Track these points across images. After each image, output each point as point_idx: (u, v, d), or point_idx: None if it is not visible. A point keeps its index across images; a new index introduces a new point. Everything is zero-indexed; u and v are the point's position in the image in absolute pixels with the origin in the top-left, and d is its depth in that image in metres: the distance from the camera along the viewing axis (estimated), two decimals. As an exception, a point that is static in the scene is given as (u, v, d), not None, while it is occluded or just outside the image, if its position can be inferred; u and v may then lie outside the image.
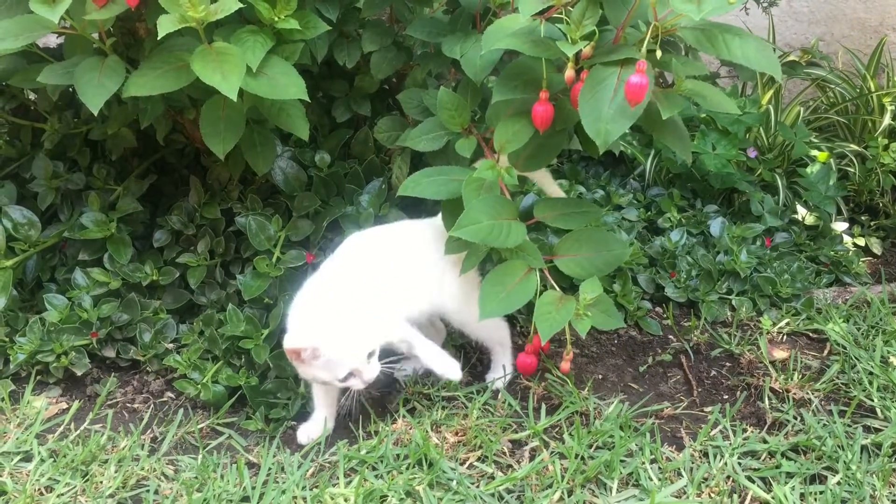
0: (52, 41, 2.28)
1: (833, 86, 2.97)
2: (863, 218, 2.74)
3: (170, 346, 1.99)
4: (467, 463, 1.71)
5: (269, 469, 1.69)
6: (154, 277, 2.03)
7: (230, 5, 1.58)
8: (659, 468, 1.69)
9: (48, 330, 1.94)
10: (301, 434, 1.79)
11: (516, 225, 1.70)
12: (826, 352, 2.10)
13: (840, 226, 2.60)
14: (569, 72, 1.61)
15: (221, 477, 1.68)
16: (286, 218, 2.08)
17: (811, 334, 2.17)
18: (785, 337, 2.15)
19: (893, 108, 2.82)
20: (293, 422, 1.83)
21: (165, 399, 1.94)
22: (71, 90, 2.09)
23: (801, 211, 2.58)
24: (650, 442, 1.74)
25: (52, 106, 2.16)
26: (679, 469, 1.69)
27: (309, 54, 1.90)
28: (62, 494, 1.64)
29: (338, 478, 1.66)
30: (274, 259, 1.99)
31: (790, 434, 1.80)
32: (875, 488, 1.64)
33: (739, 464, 1.71)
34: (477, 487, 1.64)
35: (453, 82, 2.16)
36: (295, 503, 1.61)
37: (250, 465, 1.72)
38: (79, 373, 1.94)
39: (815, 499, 1.62)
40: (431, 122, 1.89)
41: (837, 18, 3.36)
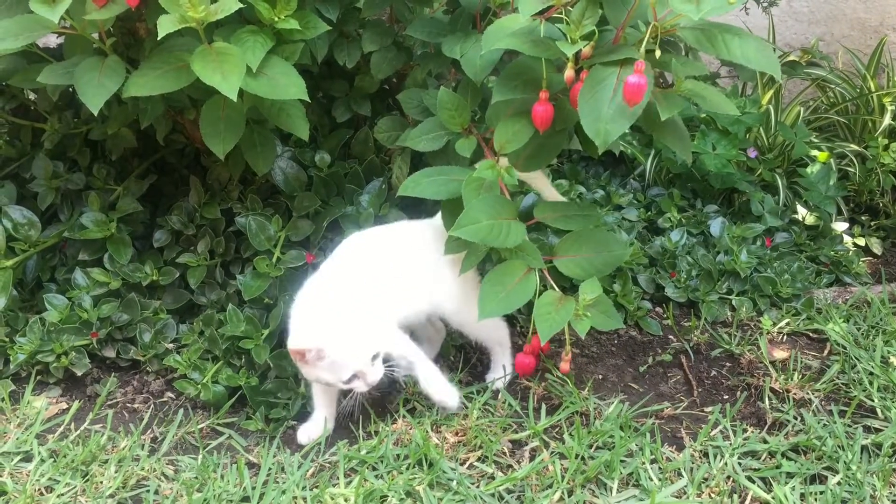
0: (52, 41, 2.28)
1: (833, 86, 2.97)
2: (863, 218, 2.74)
3: (170, 347, 1.98)
4: (467, 463, 1.71)
5: (270, 469, 1.69)
6: (154, 277, 2.03)
7: (230, 5, 1.58)
8: (659, 468, 1.69)
9: (48, 330, 1.94)
10: (301, 434, 1.79)
11: (516, 225, 1.70)
12: (826, 352, 2.10)
13: (840, 226, 2.60)
14: (568, 72, 1.61)
15: (221, 477, 1.68)
16: (286, 218, 2.07)
17: (811, 334, 2.16)
18: (785, 337, 2.15)
19: (893, 108, 2.82)
20: (293, 422, 1.83)
21: (165, 399, 1.94)
22: (71, 90, 2.09)
23: (802, 211, 2.58)
24: (650, 442, 1.74)
25: (52, 106, 2.16)
26: (679, 469, 1.69)
27: (309, 54, 1.90)
28: (62, 494, 1.64)
29: (338, 478, 1.66)
30: (274, 259, 1.99)
31: (790, 434, 1.80)
32: (875, 488, 1.64)
33: (740, 464, 1.71)
34: (477, 487, 1.64)
35: (453, 82, 2.16)
36: (295, 503, 1.61)
37: (250, 466, 1.72)
38: (79, 373, 1.94)
39: (816, 499, 1.62)
40: (431, 122, 1.89)
41: (837, 18, 3.36)
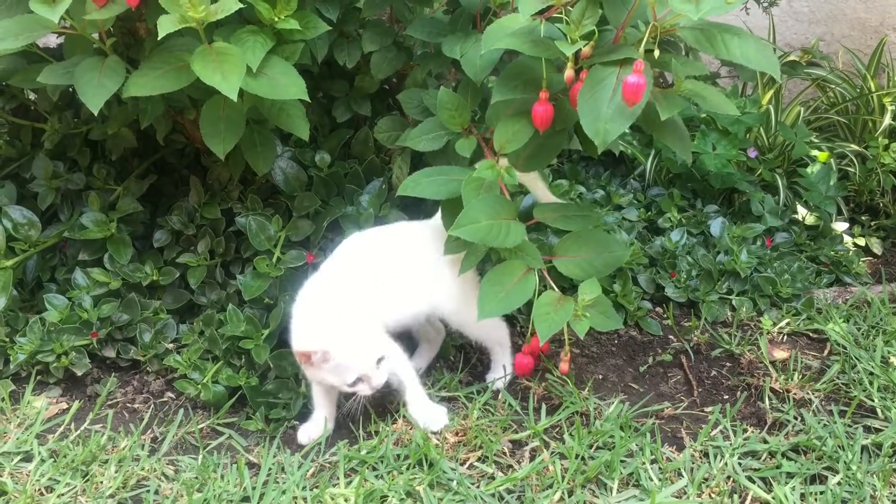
0: (52, 41, 2.28)
1: (833, 86, 2.97)
2: (863, 218, 2.74)
3: (170, 347, 1.98)
4: (467, 463, 1.71)
5: (270, 469, 1.69)
6: (154, 277, 2.03)
7: (230, 5, 1.58)
8: (659, 468, 1.69)
9: (48, 330, 1.94)
10: (301, 434, 1.79)
11: (515, 225, 1.70)
12: (826, 352, 2.10)
13: (840, 226, 2.60)
14: (568, 72, 1.61)
15: (222, 477, 1.68)
16: (286, 218, 2.07)
17: (811, 334, 2.16)
18: (785, 337, 2.15)
19: (894, 108, 2.82)
20: (294, 422, 1.83)
21: (166, 399, 1.94)
22: (71, 90, 2.09)
23: (802, 211, 2.58)
24: (650, 442, 1.74)
25: (53, 106, 2.16)
26: (679, 469, 1.69)
27: (309, 54, 1.90)
28: (62, 495, 1.64)
29: (338, 478, 1.66)
30: (274, 259, 1.99)
31: (790, 434, 1.79)
32: (875, 488, 1.64)
33: (740, 464, 1.71)
34: (477, 488, 1.64)
35: (453, 82, 2.16)
36: (295, 503, 1.61)
37: (250, 466, 1.72)
38: (79, 373, 1.94)
39: (816, 499, 1.62)
40: (431, 122, 1.89)
41: (838, 18, 3.36)
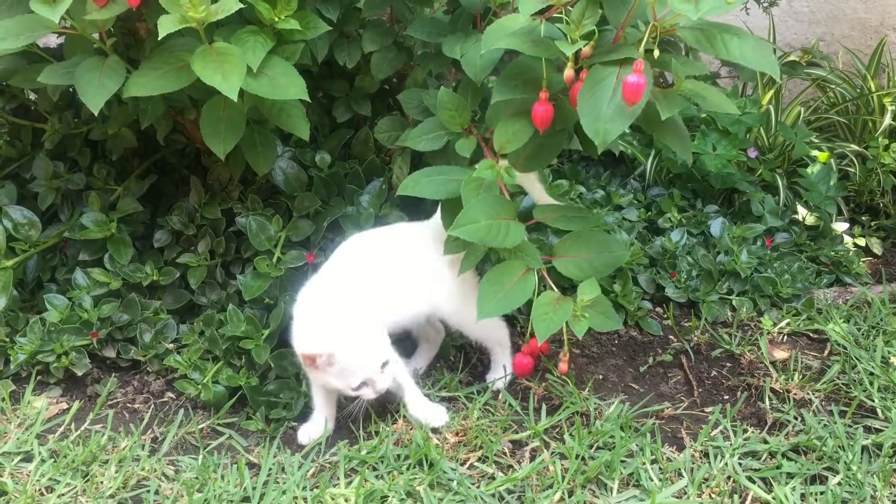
0: (53, 41, 2.28)
1: (833, 86, 2.97)
2: (863, 218, 2.74)
3: (170, 347, 1.98)
4: (468, 463, 1.71)
5: (270, 469, 1.69)
6: (154, 277, 2.03)
7: (231, 6, 1.58)
8: (659, 468, 1.69)
9: (48, 330, 1.94)
10: (302, 434, 1.79)
11: (515, 225, 1.70)
12: (826, 352, 2.10)
13: (840, 226, 2.60)
14: (568, 71, 1.61)
15: (222, 477, 1.68)
16: (286, 218, 2.07)
17: (812, 334, 2.16)
18: (785, 337, 2.15)
19: (894, 109, 2.81)
20: (295, 422, 1.83)
21: (166, 399, 1.94)
22: (71, 90, 2.09)
23: (802, 211, 2.58)
24: (651, 442, 1.74)
25: (53, 106, 2.16)
26: (680, 469, 1.69)
27: (309, 54, 1.90)
28: (63, 495, 1.64)
29: (338, 478, 1.66)
30: (274, 259, 1.99)
31: (791, 434, 1.79)
32: (876, 489, 1.64)
33: (740, 464, 1.71)
34: (477, 488, 1.64)
35: (453, 82, 2.16)
36: (296, 503, 1.61)
37: (251, 466, 1.72)
38: (79, 373, 1.94)
39: (816, 499, 1.62)
40: (431, 122, 1.89)
41: (838, 18, 3.36)
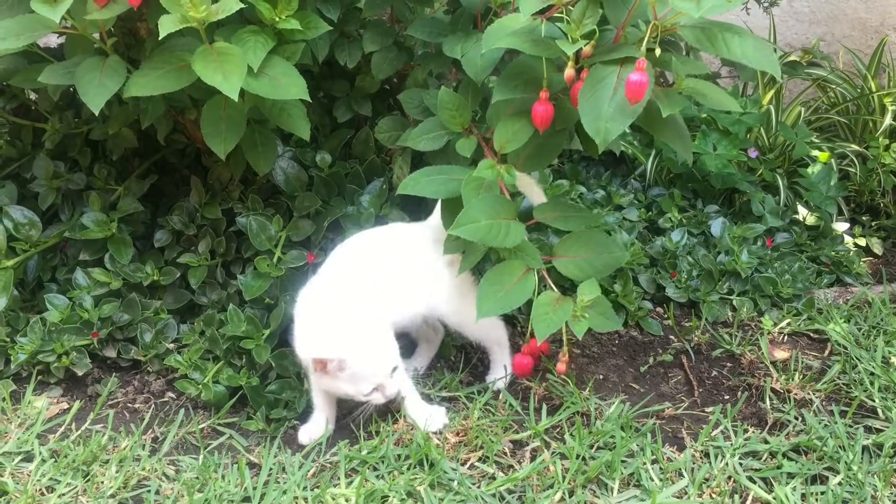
0: (53, 41, 2.28)
1: (834, 86, 2.97)
2: (864, 218, 2.74)
3: (171, 347, 1.98)
4: (468, 463, 1.71)
5: (271, 469, 1.69)
6: (155, 277, 2.03)
7: (231, 5, 1.58)
8: (660, 468, 1.69)
9: (49, 330, 1.94)
10: (302, 434, 1.79)
11: (515, 225, 1.70)
12: (827, 352, 2.10)
13: (841, 226, 2.60)
14: (569, 71, 1.61)
15: (222, 477, 1.68)
16: (287, 218, 2.07)
17: (812, 334, 2.16)
18: (786, 337, 2.15)
19: (894, 109, 2.81)
20: (295, 422, 1.83)
21: (166, 399, 1.93)
22: (72, 90, 2.09)
23: (802, 211, 2.58)
24: (651, 442, 1.74)
25: (53, 106, 2.16)
26: (680, 469, 1.69)
27: (310, 54, 1.90)
28: (63, 495, 1.64)
29: (339, 478, 1.66)
30: (275, 259, 1.99)
31: (791, 434, 1.79)
32: (876, 489, 1.64)
33: (740, 464, 1.71)
34: (478, 488, 1.64)
35: (454, 82, 2.16)
36: (296, 503, 1.61)
37: (251, 466, 1.72)
38: (80, 373, 1.94)
39: (817, 499, 1.62)
40: (432, 122, 1.89)
41: (838, 18, 3.36)
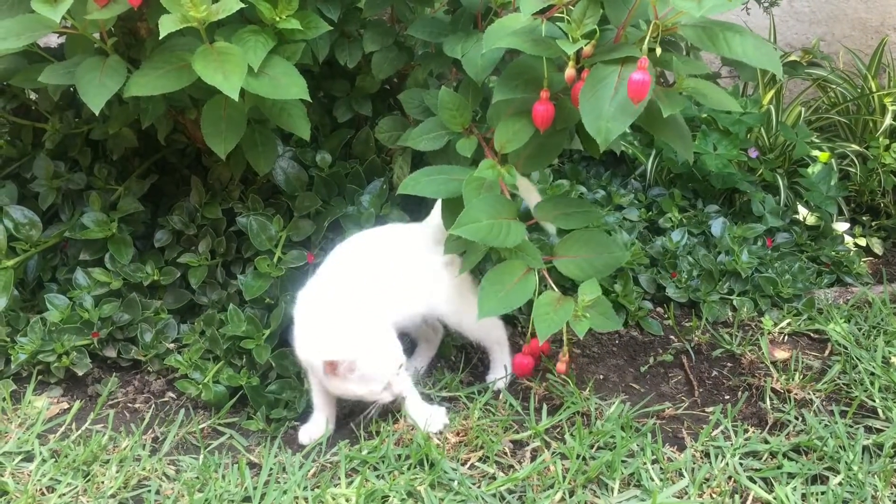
0: (53, 41, 2.28)
1: (834, 86, 2.97)
2: (864, 218, 2.75)
3: (171, 346, 1.98)
4: (468, 463, 1.70)
5: (271, 469, 1.69)
6: (155, 277, 2.03)
7: (231, 5, 1.58)
8: (660, 468, 1.69)
9: (49, 330, 1.94)
10: (302, 434, 1.78)
11: (516, 225, 1.70)
12: (827, 352, 2.10)
13: (841, 226, 2.60)
14: (569, 70, 1.61)
15: (223, 477, 1.68)
16: (287, 218, 2.07)
17: (812, 334, 2.16)
18: (786, 337, 2.15)
19: (894, 109, 2.81)
20: (295, 422, 1.83)
21: (167, 399, 1.93)
22: (72, 90, 2.09)
23: (803, 211, 2.58)
24: (651, 442, 1.74)
25: (54, 106, 2.16)
26: (680, 469, 1.69)
27: (310, 54, 1.90)
28: (64, 494, 1.64)
29: (339, 478, 1.66)
30: (275, 259, 1.99)
31: (791, 434, 1.79)
32: (877, 489, 1.64)
33: (741, 464, 1.71)
34: (478, 488, 1.64)
35: (454, 82, 2.16)
36: (296, 503, 1.61)
37: (252, 466, 1.72)
38: (80, 373, 1.94)
39: (817, 499, 1.62)
40: (432, 122, 1.89)
41: (838, 18, 3.36)
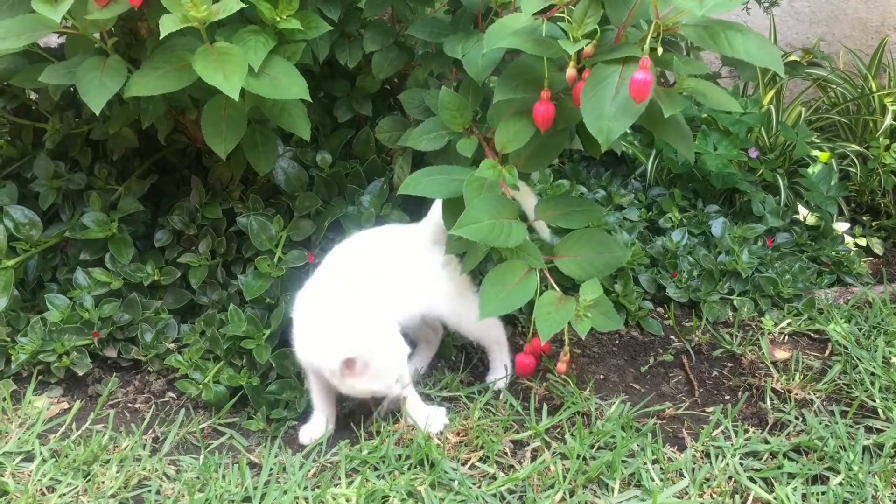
0: (54, 41, 2.28)
1: (834, 86, 2.96)
2: (864, 218, 2.75)
3: (171, 346, 1.98)
4: (469, 463, 1.70)
5: (271, 469, 1.69)
6: (155, 277, 2.03)
7: (232, 5, 1.58)
8: (661, 468, 1.69)
9: (49, 330, 1.94)
10: (303, 435, 1.79)
11: (517, 224, 1.70)
12: (828, 352, 2.10)
13: (841, 226, 2.60)
14: (570, 70, 1.61)
15: (223, 477, 1.68)
16: (287, 218, 2.07)
17: (813, 335, 2.16)
18: (786, 337, 2.15)
19: (895, 109, 2.81)
20: (295, 422, 1.83)
21: (167, 399, 1.93)
22: (72, 90, 2.09)
23: (803, 211, 2.58)
24: (652, 442, 1.74)
25: (54, 106, 2.16)
26: (681, 469, 1.69)
27: (311, 54, 1.90)
28: (64, 494, 1.64)
29: (339, 478, 1.66)
30: (275, 259, 1.99)
31: (792, 434, 1.79)
32: (877, 489, 1.64)
33: (741, 464, 1.71)
34: (479, 488, 1.64)
35: (455, 82, 2.16)
36: (297, 503, 1.61)
37: (252, 466, 1.72)
38: (80, 373, 1.94)
39: (817, 499, 1.62)
40: (433, 122, 1.89)
41: (839, 18, 3.36)
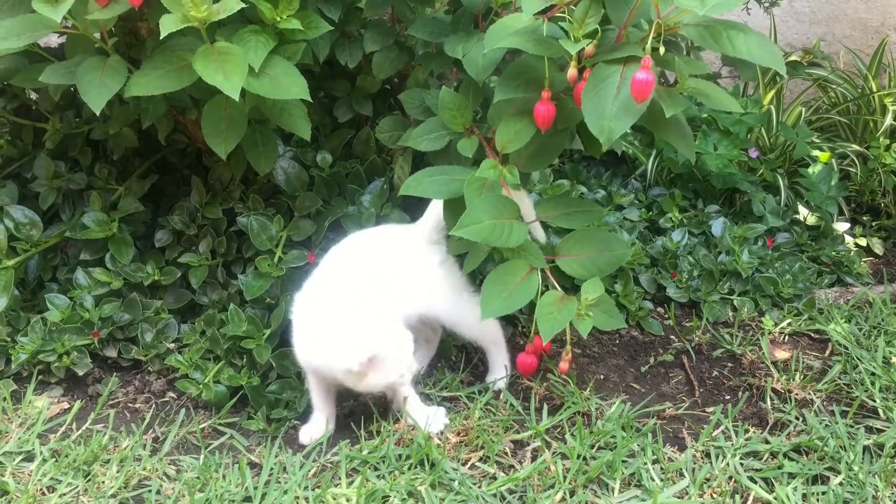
0: (54, 41, 2.28)
1: (834, 86, 2.97)
2: (864, 218, 2.75)
3: (171, 346, 1.98)
4: (469, 463, 1.70)
5: (271, 469, 1.69)
6: (156, 277, 2.03)
7: (232, 5, 1.58)
8: (661, 468, 1.69)
9: (50, 330, 1.94)
10: (303, 434, 1.78)
11: (518, 224, 1.70)
12: (828, 352, 2.10)
13: (842, 226, 2.60)
14: (571, 70, 1.61)
15: (223, 477, 1.68)
16: (288, 218, 2.07)
17: (813, 335, 2.16)
18: (787, 337, 2.15)
19: (895, 109, 2.81)
20: (295, 422, 1.83)
21: (167, 399, 1.93)
22: (73, 90, 2.09)
23: (803, 211, 2.58)
24: (652, 442, 1.74)
25: (54, 106, 2.16)
26: (681, 469, 1.69)
27: (311, 54, 1.90)
28: (64, 494, 1.64)
29: (340, 478, 1.66)
30: (276, 259, 1.99)
31: (792, 434, 1.79)
32: (877, 489, 1.64)
33: (741, 464, 1.71)
34: (479, 488, 1.64)
35: (455, 82, 2.16)
36: (297, 503, 1.61)
37: (252, 466, 1.72)
38: (80, 373, 1.94)
39: (818, 499, 1.62)
40: (433, 122, 1.89)
41: (839, 18, 3.36)
